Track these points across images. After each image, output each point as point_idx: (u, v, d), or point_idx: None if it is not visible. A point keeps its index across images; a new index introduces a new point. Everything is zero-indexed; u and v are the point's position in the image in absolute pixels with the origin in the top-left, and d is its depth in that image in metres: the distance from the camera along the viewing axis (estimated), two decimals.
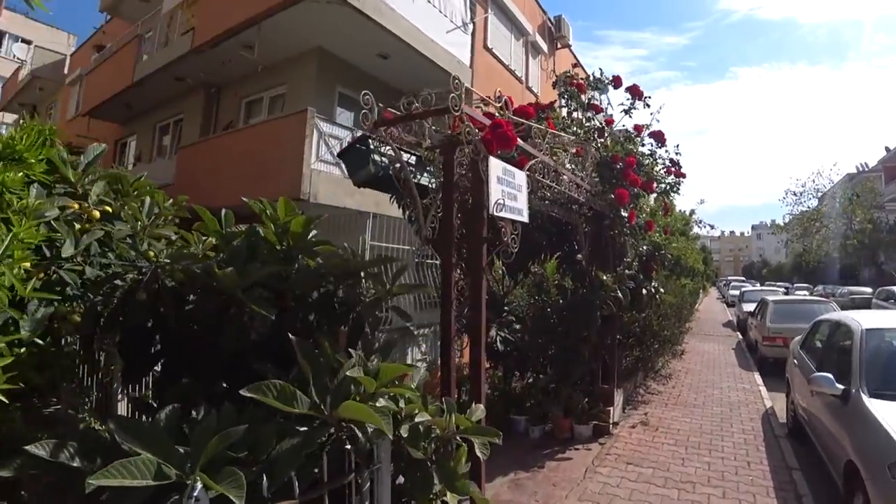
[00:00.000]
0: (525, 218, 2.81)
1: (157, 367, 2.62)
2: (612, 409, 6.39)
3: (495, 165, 2.51)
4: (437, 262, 9.41)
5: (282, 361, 2.61)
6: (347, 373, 1.85)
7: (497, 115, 2.74)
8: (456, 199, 2.95)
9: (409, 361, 9.25)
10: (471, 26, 11.96)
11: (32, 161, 2.10)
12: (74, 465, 1.59)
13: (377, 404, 1.93)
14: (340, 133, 9.15)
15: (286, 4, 8.55)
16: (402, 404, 2.07)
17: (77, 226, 2.37)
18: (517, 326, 6.82)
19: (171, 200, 3.14)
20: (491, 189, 2.45)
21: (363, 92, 2.60)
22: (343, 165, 8.97)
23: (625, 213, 5.68)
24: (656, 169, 6.40)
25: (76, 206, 2.51)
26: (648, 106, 5.94)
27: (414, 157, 3.04)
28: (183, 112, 12.67)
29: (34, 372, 2.00)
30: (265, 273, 2.39)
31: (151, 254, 2.20)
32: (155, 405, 2.34)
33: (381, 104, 2.65)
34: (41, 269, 2.10)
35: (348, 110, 10.42)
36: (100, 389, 2.86)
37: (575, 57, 20.11)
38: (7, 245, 1.64)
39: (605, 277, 5.77)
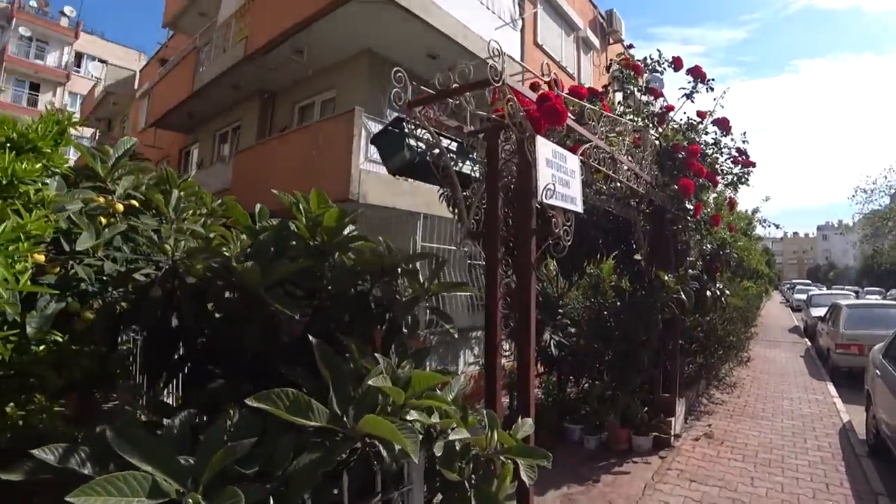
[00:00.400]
0: (579, 207, 2.46)
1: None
2: (673, 419, 5.85)
3: (544, 146, 2.18)
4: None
5: (315, 364, 2.42)
6: (370, 382, 1.59)
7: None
8: (501, 187, 2.64)
9: (461, 365, 9.00)
10: (520, 22, 11.59)
11: (47, 150, 1.97)
12: (85, 471, 1.42)
13: (407, 417, 1.65)
14: None
15: (332, 7, 8.52)
16: (436, 418, 1.78)
17: (103, 220, 2.25)
18: (572, 330, 6.40)
19: (219, 201, 3.06)
20: (539, 173, 2.13)
21: (395, 69, 2.35)
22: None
23: (689, 206, 5.14)
24: (721, 159, 5.79)
25: (101, 199, 2.39)
26: (712, 89, 5.35)
27: (455, 144, 2.75)
28: (240, 119, 13.02)
29: (52, 371, 1.86)
30: (291, 269, 2.17)
31: (168, 248, 2.02)
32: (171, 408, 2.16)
33: (414, 82, 2.38)
34: (57, 263, 1.96)
35: (379, 119, 10.29)
36: (151, 387, 2.78)
37: (628, 52, 19.23)
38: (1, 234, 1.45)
39: (666, 278, 5.27)
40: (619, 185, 4.94)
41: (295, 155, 9.20)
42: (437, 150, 2.55)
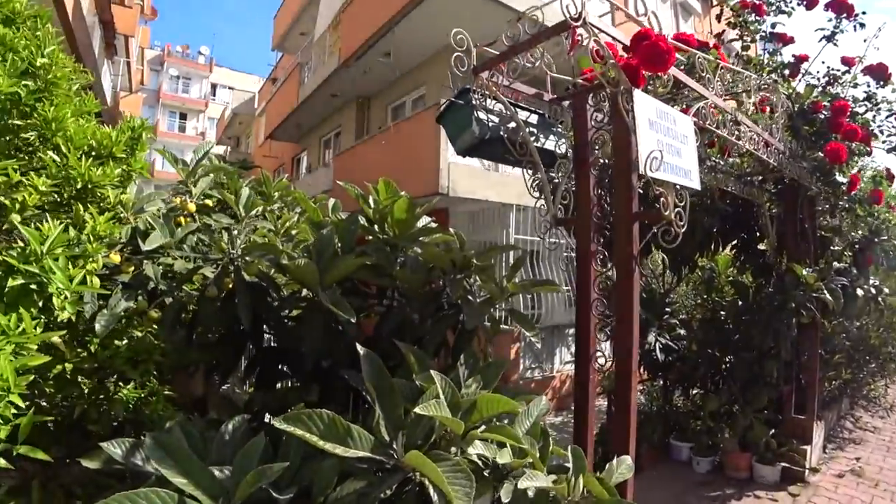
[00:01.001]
0: (694, 182, 1.92)
1: None
2: (808, 448, 4.74)
3: (645, 103, 1.69)
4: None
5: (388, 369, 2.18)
6: (418, 409, 1.25)
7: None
8: (594, 164, 2.17)
9: (556, 363, 8.45)
10: None
11: (121, 156, 1.92)
12: (148, 469, 1.36)
13: (468, 451, 1.29)
14: None
15: (409, 8, 8.60)
16: (507, 455, 1.40)
17: (182, 220, 2.19)
18: (681, 332, 5.57)
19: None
20: (641, 137, 1.65)
21: (454, 30, 1.99)
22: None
23: (841, 179, 4.04)
24: (880, 118, 4.50)
25: (177, 199, 2.33)
26: (862, 26, 4.11)
27: (535, 116, 2.33)
28: (340, 125, 13.60)
29: (128, 365, 1.79)
30: (350, 266, 1.92)
31: (224, 245, 1.85)
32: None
33: (478, 44, 2.00)
34: (132, 262, 1.89)
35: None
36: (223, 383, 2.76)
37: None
38: (53, 239, 1.34)
39: (803, 273, 4.28)
40: (737, 159, 4.13)
41: (387, 153, 9.25)
42: (512, 124, 2.16)
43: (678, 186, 1.87)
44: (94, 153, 1.91)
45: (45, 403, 1.80)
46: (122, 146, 1.92)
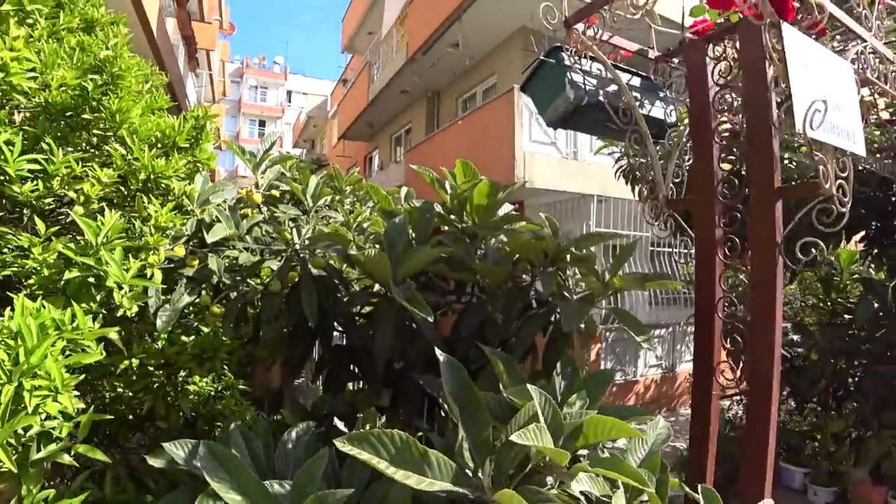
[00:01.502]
0: (860, 147, 1.51)
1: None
2: None
3: (797, 42, 1.30)
4: (677, 249, 7.79)
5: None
6: (516, 438, 1.00)
7: None
8: (716, 130, 1.81)
9: (640, 367, 7.87)
10: None
11: (185, 146, 1.85)
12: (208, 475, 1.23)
13: (570, 486, 1.03)
14: None
15: None
16: (620, 497, 1.11)
17: (249, 212, 2.11)
18: (795, 338, 4.87)
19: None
20: (796, 86, 1.27)
21: None
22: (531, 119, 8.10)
23: None
24: None
25: (242, 191, 2.24)
26: None
27: (637, 79, 1.99)
28: (410, 121, 13.68)
29: (194, 362, 1.73)
30: (426, 258, 1.71)
31: (287, 236, 1.70)
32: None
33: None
34: (197, 255, 1.80)
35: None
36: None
37: None
38: (109, 230, 1.25)
39: None
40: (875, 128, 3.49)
41: (459, 145, 9.08)
42: (612, 87, 1.84)
43: (839, 153, 1.47)
44: (158, 144, 1.85)
45: (111, 396, 1.77)
46: (186, 135, 1.84)
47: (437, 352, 1.33)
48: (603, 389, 1.49)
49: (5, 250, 1.40)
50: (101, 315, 1.29)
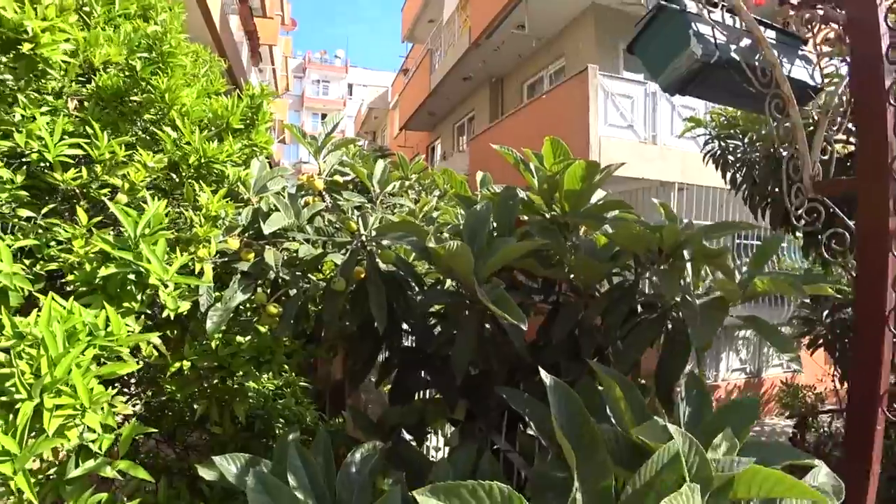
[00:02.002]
0: None
1: None
2: None
3: None
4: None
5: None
6: (667, 502, 0.71)
7: None
8: (890, 92, 1.41)
9: (721, 371, 7.22)
10: None
11: (239, 127, 1.68)
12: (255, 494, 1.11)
13: None
14: (632, 90, 7.76)
15: None
16: None
17: (309, 200, 1.93)
18: None
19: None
20: None
21: None
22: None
23: None
24: None
25: (303, 177, 2.06)
26: None
27: (771, 31, 1.61)
28: (473, 109, 13.41)
29: (250, 365, 1.59)
30: (515, 252, 1.45)
31: (353, 225, 1.49)
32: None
33: None
34: (253, 248, 1.63)
35: (635, 71, 8.87)
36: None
37: None
38: (148, 221, 1.08)
39: None
40: None
41: (527, 131, 8.69)
42: (746, 41, 1.48)
43: None
44: (212, 127, 1.69)
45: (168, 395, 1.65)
46: (240, 116, 1.66)
47: (543, 374, 1.06)
48: (748, 424, 1.16)
49: (52, 243, 1.27)
50: (143, 316, 1.13)
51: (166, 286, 1.11)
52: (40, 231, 1.24)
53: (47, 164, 1.23)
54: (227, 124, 1.62)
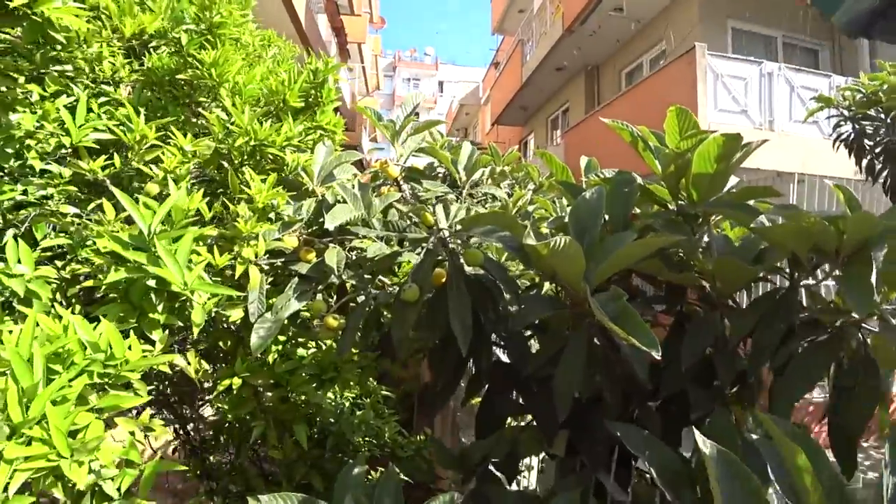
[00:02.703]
0: None
1: None
2: None
3: None
4: None
5: (673, 422, 1.39)
6: None
7: None
8: None
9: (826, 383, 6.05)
10: None
11: (297, 104, 1.44)
12: None
13: None
14: (744, 70, 6.83)
15: None
16: None
17: (384, 190, 1.67)
18: None
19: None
20: None
21: None
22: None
23: None
24: None
25: (376, 163, 1.80)
26: None
27: None
28: (567, 100, 12.74)
29: (311, 383, 1.34)
30: (638, 252, 1.06)
31: (429, 217, 1.19)
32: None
33: None
34: (314, 248, 1.40)
35: (743, 52, 7.76)
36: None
37: None
38: (165, 214, 0.86)
39: None
40: None
41: (627, 119, 8.00)
42: None
43: None
44: (271, 109, 1.47)
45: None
46: (299, 91, 1.42)
47: (699, 436, 0.69)
48: None
49: (89, 242, 1.11)
50: (166, 330, 0.91)
51: (192, 293, 0.88)
52: (76, 228, 1.07)
53: (71, 150, 1.07)
54: (285, 102, 1.38)
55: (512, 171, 2.63)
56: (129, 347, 0.79)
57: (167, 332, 0.91)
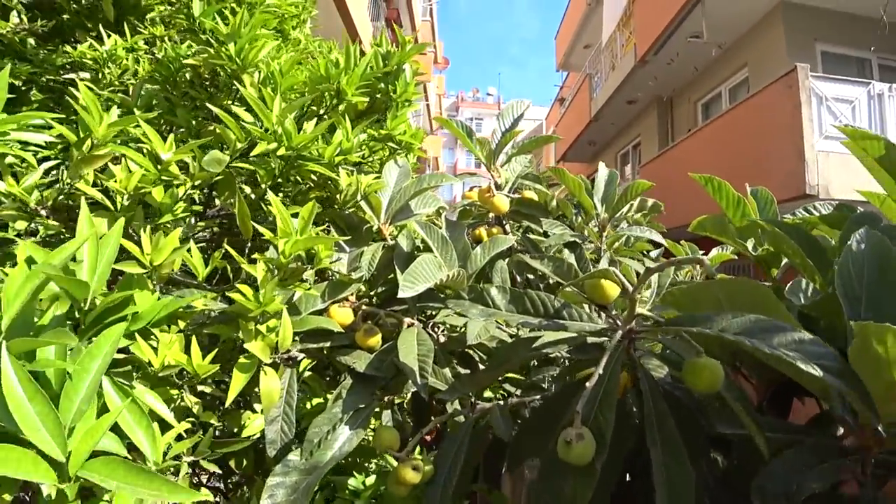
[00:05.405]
0: None
1: None
2: None
3: None
4: None
5: None
6: None
7: None
8: None
9: None
10: None
11: (354, 98, 0.92)
12: None
13: None
14: (851, 92, 5.85)
15: None
16: None
17: (483, 234, 1.12)
18: None
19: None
20: None
21: None
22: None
23: None
24: None
25: (471, 194, 1.25)
26: None
27: None
28: (639, 134, 11.90)
29: None
30: None
31: (611, 289, 0.58)
32: None
33: None
34: (375, 326, 0.84)
35: (834, 76, 6.70)
36: None
37: None
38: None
39: None
40: None
41: (709, 156, 7.13)
42: None
43: None
44: (313, 106, 0.95)
45: None
46: (359, 81, 0.89)
47: None
48: None
49: None
50: None
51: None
52: None
53: None
54: (339, 96, 0.85)
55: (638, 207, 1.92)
56: None
57: None
